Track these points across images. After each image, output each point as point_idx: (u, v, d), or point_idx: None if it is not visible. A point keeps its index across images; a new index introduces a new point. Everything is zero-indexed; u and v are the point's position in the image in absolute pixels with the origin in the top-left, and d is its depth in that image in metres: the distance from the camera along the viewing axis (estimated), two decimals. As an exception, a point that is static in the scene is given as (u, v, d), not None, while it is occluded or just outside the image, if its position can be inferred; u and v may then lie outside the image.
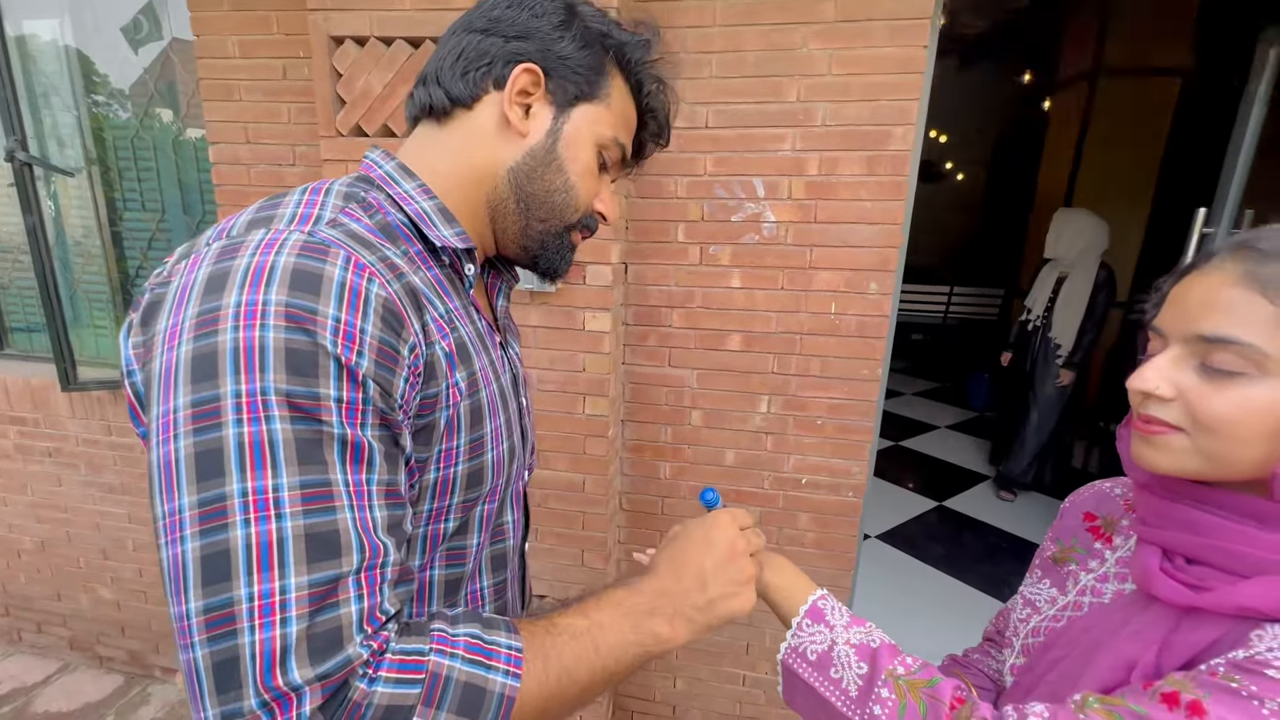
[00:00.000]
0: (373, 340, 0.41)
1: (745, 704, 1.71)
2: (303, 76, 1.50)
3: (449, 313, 0.52)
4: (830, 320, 1.41)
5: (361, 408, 0.40)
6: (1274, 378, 0.43)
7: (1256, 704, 0.39)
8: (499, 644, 0.43)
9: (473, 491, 0.54)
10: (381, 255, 0.46)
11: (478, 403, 0.53)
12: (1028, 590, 0.68)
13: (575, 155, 0.56)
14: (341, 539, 0.38)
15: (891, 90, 1.26)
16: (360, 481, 0.40)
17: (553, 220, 0.58)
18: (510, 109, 0.54)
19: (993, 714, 0.48)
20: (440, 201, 0.55)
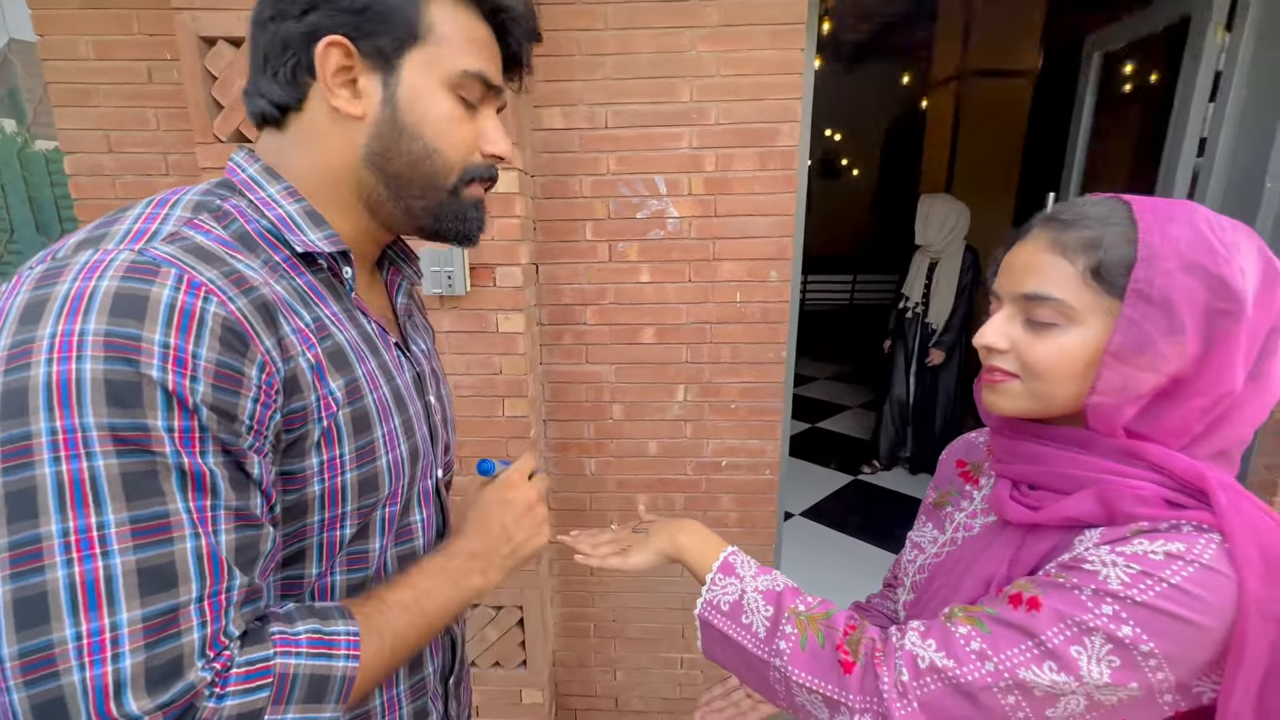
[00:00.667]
0: (208, 364, 0.40)
1: (684, 685, 1.76)
2: (171, 80, 1.40)
3: (320, 320, 0.50)
4: (736, 309, 1.48)
5: (198, 435, 0.39)
6: (1080, 326, 0.51)
7: (1077, 592, 0.47)
8: (339, 632, 0.46)
9: (368, 498, 0.53)
10: (228, 269, 0.44)
11: (361, 409, 0.52)
12: (914, 535, 0.76)
13: (424, 114, 0.51)
14: (179, 569, 0.38)
15: (776, 90, 1.35)
16: (203, 508, 0.40)
17: (430, 193, 0.54)
18: (333, 95, 0.49)
19: (879, 634, 0.54)
20: (308, 204, 0.52)
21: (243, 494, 0.42)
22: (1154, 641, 0.44)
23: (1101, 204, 0.53)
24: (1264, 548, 0.43)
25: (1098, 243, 0.50)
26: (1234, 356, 0.47)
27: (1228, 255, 0.47)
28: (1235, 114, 1.54)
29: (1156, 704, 0.46)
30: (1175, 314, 0.48)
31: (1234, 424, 0.50)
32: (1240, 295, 0.47)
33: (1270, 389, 0.50)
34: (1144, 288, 0.48)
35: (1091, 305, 0.51)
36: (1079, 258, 0.51)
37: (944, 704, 0.48)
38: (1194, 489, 0.48)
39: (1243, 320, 0.47)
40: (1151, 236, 0.48)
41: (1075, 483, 0.53)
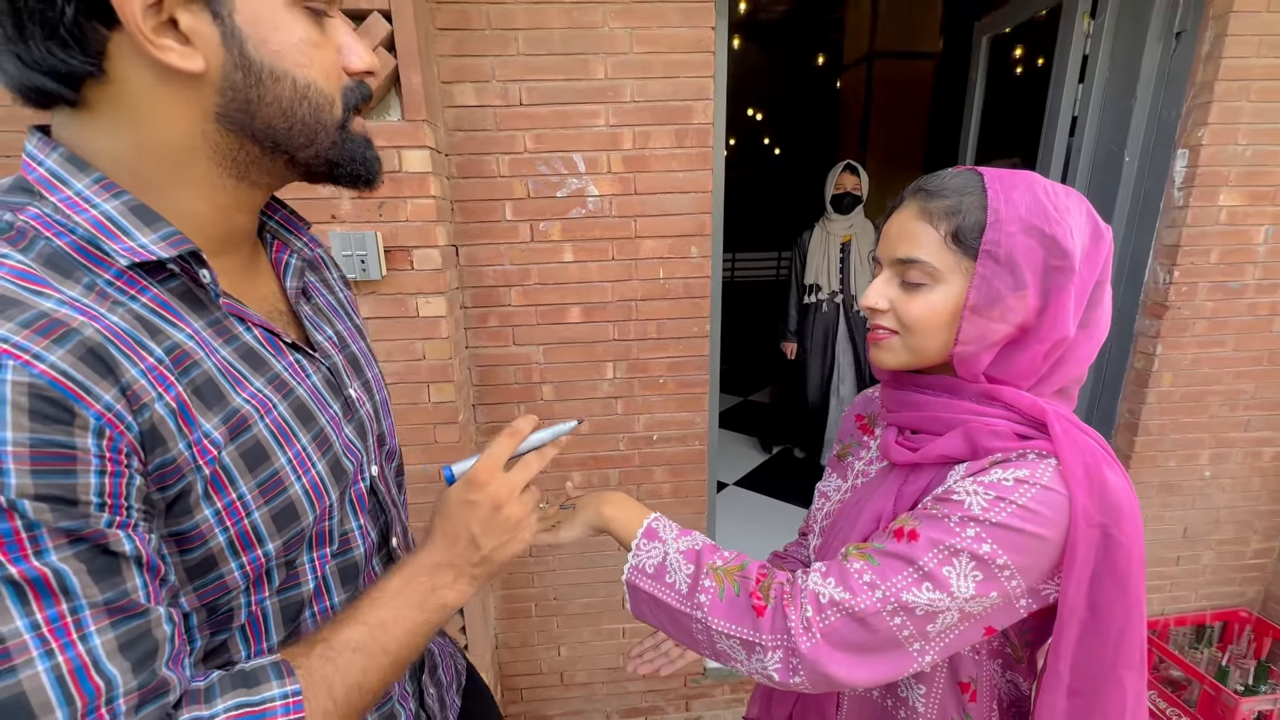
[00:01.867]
0: (18, 449, 0.31)
1: (627, 654, 1.81)
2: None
3: (176, 349, 0.40)
4: (660, 285, 1.52)
5: (27, 535, 0.32)
6: (943, 284, 0.58)
7: (946, 520, 0.53)
8: (273, 699, 0.40)
9: (290, 530, 0.46)
10: (33, 314, 0.34)
11: (252, 441, 0.44)
12: (821, 485, 0.82)
13: (281, 44, 0.40)
14: (33, 700, 0.32)
15: (689, 68, 1.37)
16: (59, 615, 0.33)
17: (319, 137, 0.44)
18: (157, 48, 0.37)
19: (787, 578, 0.59)
20: (131, 196, 0.40)
21: (111, 582, 0.35)
22: (1008, 554, 0.51)
23: (960, 175, 0.59)
24: (1087, 467, 0.51)
25: (957, 210, 0.56)
26: (1066, 307, 0.55)
27: (1059, 218, 0.54)
28: (1099, 94, 1.70)
29: (1014, 608, 0.54)
30: (1018, 271, 0.54)
31: (1070, 364, 0.58)
32: (1070, 253, 0.54)
33: (1096, 334, 0.58)
34: (992, 249, 0.55)
35: (952, 266, 0.57)
36: (941, 224, 0.57)
37: (843, 632, 0.54)
38: (1037, 422, 0.55)
39: (1073, 275, 0.54)
40: (998, 203, 0.55)
41: (946, 424, 0.60)
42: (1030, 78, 2.21)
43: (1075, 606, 0.51)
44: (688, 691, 1.90)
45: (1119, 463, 0.54)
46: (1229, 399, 1.74)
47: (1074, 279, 0.54)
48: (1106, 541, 0.50)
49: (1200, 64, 1.50)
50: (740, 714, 1.93)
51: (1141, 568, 0.51)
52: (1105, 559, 0.50)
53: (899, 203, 0.63)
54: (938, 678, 0.63)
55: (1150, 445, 1.76)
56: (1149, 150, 1.64)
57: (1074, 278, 0.54)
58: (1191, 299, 1.64)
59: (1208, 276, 1.63)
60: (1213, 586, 1.95)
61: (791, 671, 0.54)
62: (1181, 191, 1.58)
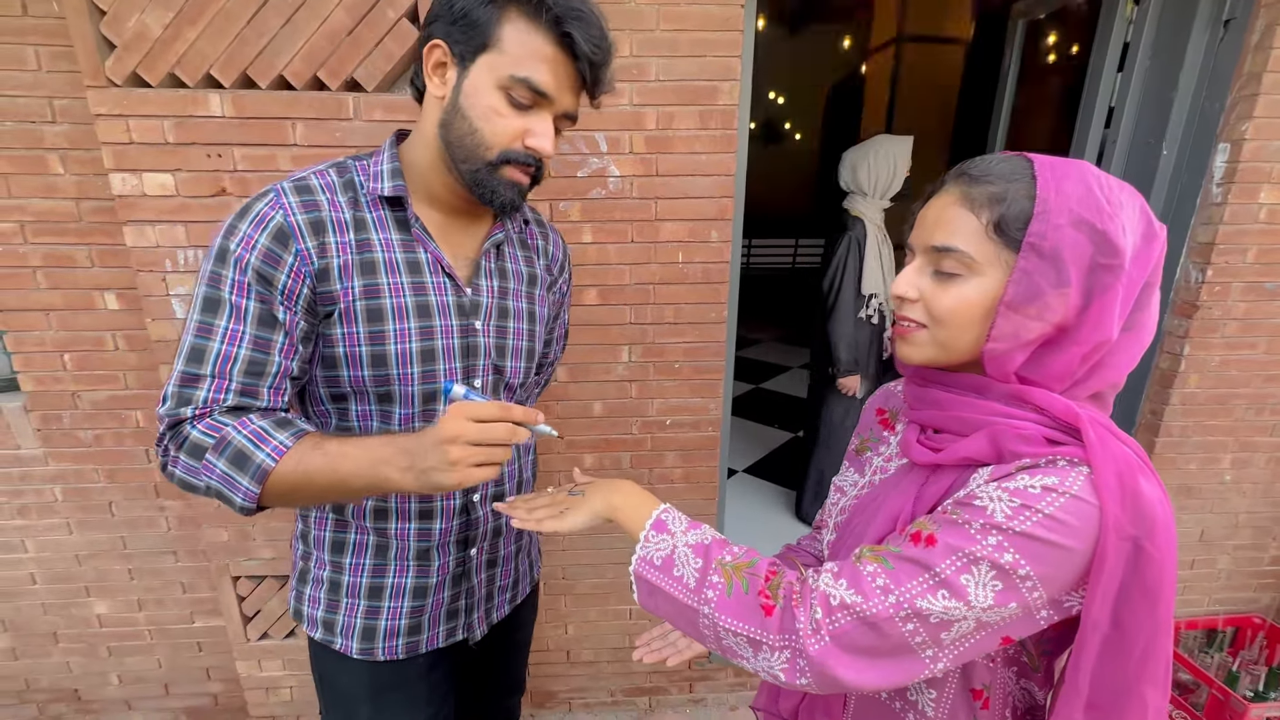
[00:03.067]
0: (261, 247, 0.67)
1: (633, 635, 1.83)
2: (51, 13, 1.26)
3: (366, 240, 0.73)
4: (679, 269, 1.50)
5: (243, 283, 0.67)
6: (979, 276, 0.55)
7: (967, 527, 0.52)
8: (276, 437, 0.66)
9: (380, 369, 0.74)
10: (308, 198, 0.71)
11: (375, 305, 0.73)
12: (838, 480, 0.81)
13: (475, 101, 0.68)
14: (207, 356, 0.67)
15: (716, 47, 1.34)
16: (232, 329, 0.67)
17: (472, 160, 0.70)
18: (430, 81, 0.70)
19: (797, 577, 0.58)
20: (396, 164, 0.75)
21: (267, 329, 0.69)
22: (1030, 565, 0.49)
23: (1007, 161, 0.56)
24: (1120, 476, 0.49)
25: (1002, 197, 0.53)
26: (1112, 309, 0.52)
27: (1113, 212, 0.51)
28: (1139, 84, 1.64)
29: (1034, 619, 0.52)
30: (1063, 267, 0.51)
31: (1109, 369, 0.55)
32: (1121, 251, 0.51)
33: (1141, 338, 0.56)
34: (1037, 241, 0.52)
35: (991, 257, 0.54)
36: (984, 211, 0.54)
37: (853, 635, 0.52)
38: (1070, 427, 0.53)
39: (1121, 275, 0.51)
40: (1048, 192, 0.52)
41: (972, 425, 0.58)
42: (1065, 66, 2.13)
43: (1099, 620, 0.49)
44: (692, 674, 1.92)
45: (1155, 472, 0.52)
46: (1256, 403, 1.70)
47: (1122, 278, 0.51)
48: (1138, 555, 0.48)
49: (1249, 54, 1.44)
50: (743, 698, 1.95)
51: (1173, 583, 0.49)
52: (1135, 573, 0.48)
53: (939, 186, 0.60)
54: (949, 683, 0.62)
55: (1171, 447, 1.73)
56: (1188, 144, 1.58)
57: (1122, 277, 0.51)
58: (1224, 299, 1.60)
59: (1242, 276, 1.58)
60: (1227, 591, 1.93)
61: (798, 673, 0.54)
62: (1220, 188, 1.53)
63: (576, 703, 1.93)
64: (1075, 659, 0.51)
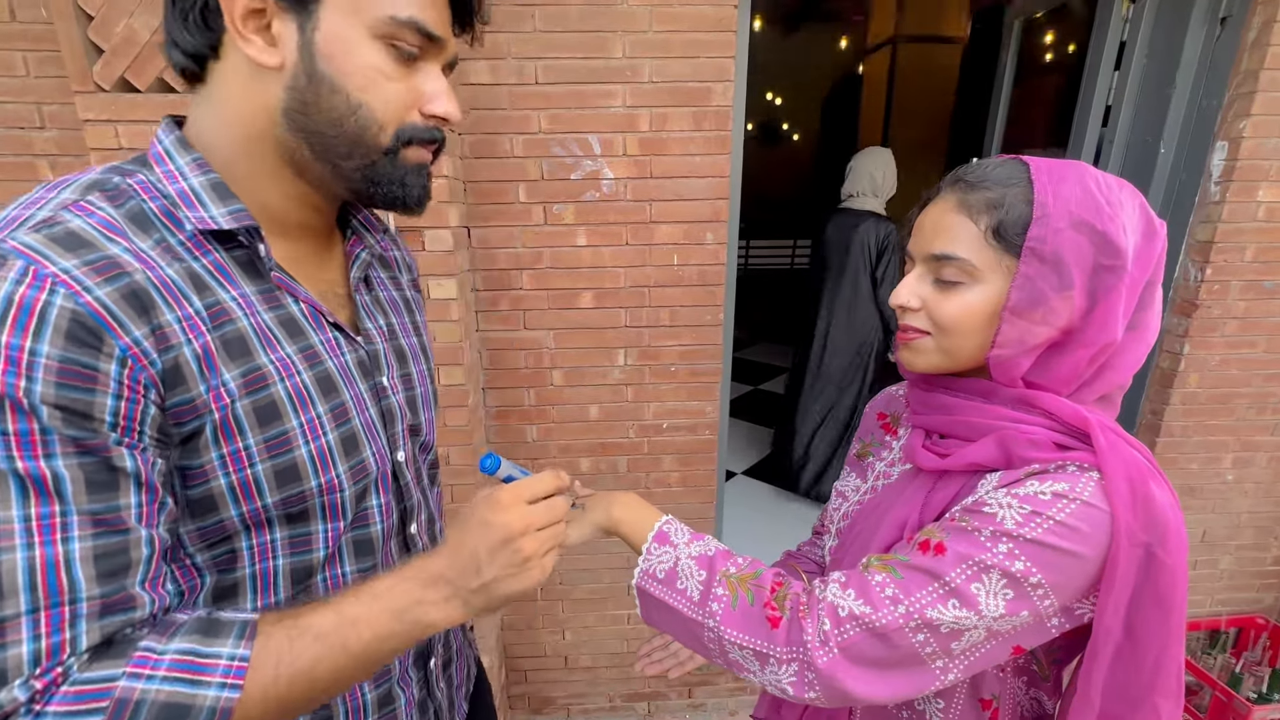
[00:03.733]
0: (49, 361, 0.38)
1: (631, 640, 1.82)
2: (39, 19, 1.24)
3: (217, 306, 0.46)
4: (674, 271, 1.48)
5: (40, 438, 0.38)
6: (981, 283, 0.54)
7: (977, 534, 0.50)
8: (219, 656, 0.41)
9: (290, 488, 0.49)
10: (95, 256, 0.41)
11: (267, 399, 0.48)
12: (839, 485, 0.79)
13: (346, 65, 0.45)
14: (4, 582, 0.37)
15: (709, 48, 1.33)
16: (46, 514, 0.38)
17: (359, 150, 0.48)
18: (245, 42, 0.44)
19: (803, 588, 0.57)
20: (216, 176, 0.48)
21: (104, 495, 0.40)
22: (1042, 573, 0.48)
23: (1003, 165, 0.55)
24: (1132, 481, 0.48)
25: (999, 203, 0.52)
26: (1116, 309, 0.51)
27: (1112, 213, 0.50)
28: (1136, 82, 1.63)
29: (1045, 628, 0.51)
30: (1065, 271, 0.51)
31: (1115, 370, 0.54)
32: (1122, 251, 0.50)
33: (1146, 338, 0.55)
34: (1037, 246, 0.51)
35: (992, 263, 0.53)
36: (982, 218, 0.53)
37: (862, 647, 0.51)
38: (1079, 432, 0.52)
39: (1124, 275, 0.50)
40: (1045, 196, 0.51)
41: (979, 430, 0.57)
42: (1062, 65, 2.13)
43: (1111, 629, 0.48)
44: (691, 679, 1.90)
45: (1165, 477, 0.51)
46: (1257, 402, 1.69)
47: (1125, 279, 0.50)
48: (1149, 561, 0.47)
49: (1246, 51, 1.43)
50: (743, 703, 1.93)
51: (1185, 590, 0.48)
52: (1147, 580, 0.47)
53: (935, 193, 0.59)
54: (958, 693, 0.61)
55: (1172, 447, 1.72)
56: (1186, 142, 1.57)
57: (1125, 277, 0.50)
58: (1223, 298, 1.59)
59: (1241, 275, 1.57)
60: (1229, 592, 1.92)
61: (807, 686, 0.52)
62: (1218, 186, 1.52)
63: (575, 709, 1.91)
64: (1087, 669, 0.50)
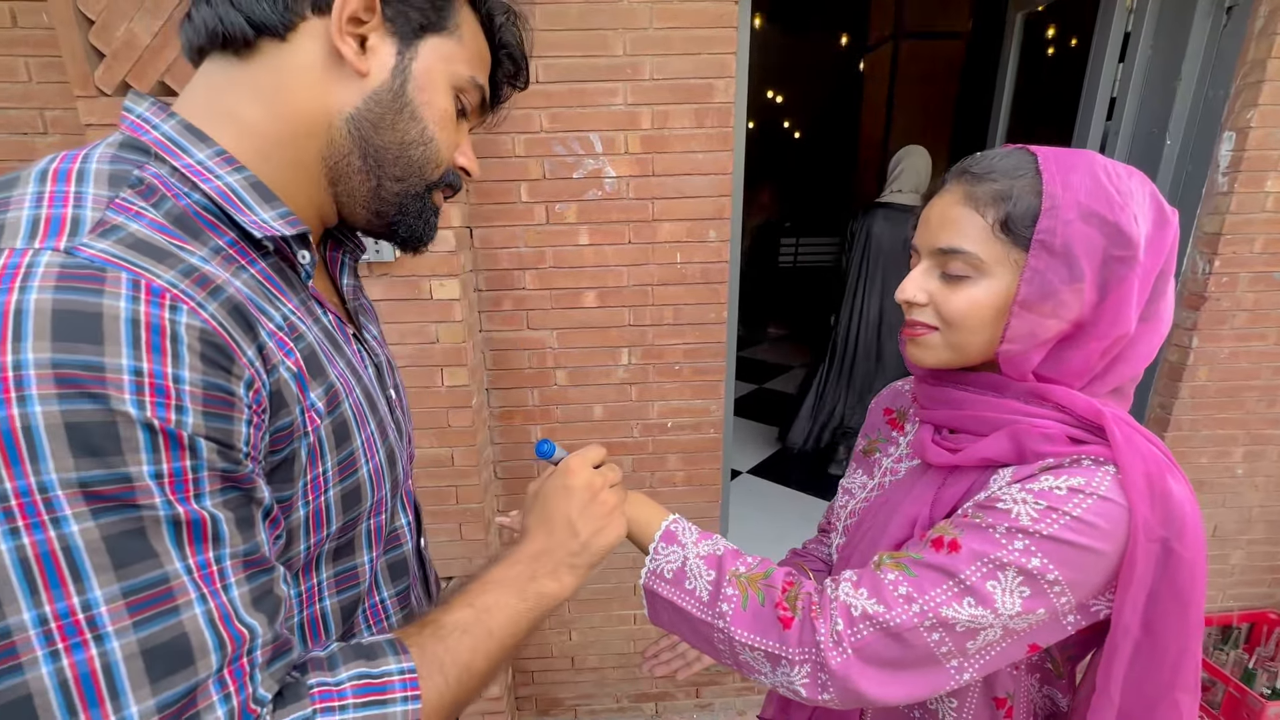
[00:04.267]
0: (194, 389, 0.33)
1: (638, 640, 1.81)
2: (40, 24, 1.24)
3: (288, 318, 0.42)
4: (677, 270, 1.48)
5: (193, 476, 0.33)
6: (989, 277, 0.53)
7: (991, 531, 0.50)
8: (390, 673, 0.40)
9: (352, 512, 0.47)
10: (186, 266, 0.35)
11: (340, 417, 0.45)
12: (845, 482, 0.78)
13: (430, 99, 0.46)
14: (193, 641, 0.33)
15: (710, 44, 1.32)
16: (208, 562, 0.34)
17: (411, 178, 0.48)
18: (342, 40, 0.42)
19: (815, 588, 0.56)
20: (251, 173, 0.42)
21: (248, 535, 0.36)
22: (1059, 570, 0.47)
23: (1010, 155, 0.54)
24: (1149, 476, 0.47)
25: (1007, 195, 0.51)
26: (1128, 300, 0.50)
27: (1123, 202, 0.49)
28: (1141, 74, 1.62)
29: (1061, 625, 0.50)
30: (1075, 263, 0.50)
31: (1128, 362, 0.54)
32: (1134, 241, 0.49)
33: (1159, 329, 0.54)
34: (1047, 238, 0.50)
35: (1000, 257, 0.52)
36: (989, 210, 0.52)
37: (876, 647, 0.50)
38: (1093, 425, 0.51)
39: (1135, 265, 0.49)
40: (1054, 187, 0.50)
41: (990, 425, 0.56)
42: (1066, 58, 2.11)
43: (1129, 626, 0.47)
44: (699, 679, 1.89)
45: (1181, 471, 0.50)
46: (1267, 394, 1.67)
47: (1136, 269, 0.49)
48: (1167, 556, 0.46)
49: (1253, 41, 1.42)
50: (751, 702, 1.92)
51: (1204, 585, 0.47)
52: (1165, 575, 0.47)
53: (941, 185, 0.58)
54: (971, 692, 0.60)
55: (1181, 441, 1.70)
56: (1192, 133, 1.55)
57: (1137, 268, 0.49)
58: (1232, 290, 1.57)
59: (1250, 266, 1.56)
60: (1241, 587, 1.90)
61: (820, 688, 0.51)
62: (1226, 177, 1.51)
63: (582, 710, 1.91)
64: (1106, 667, 0.49)
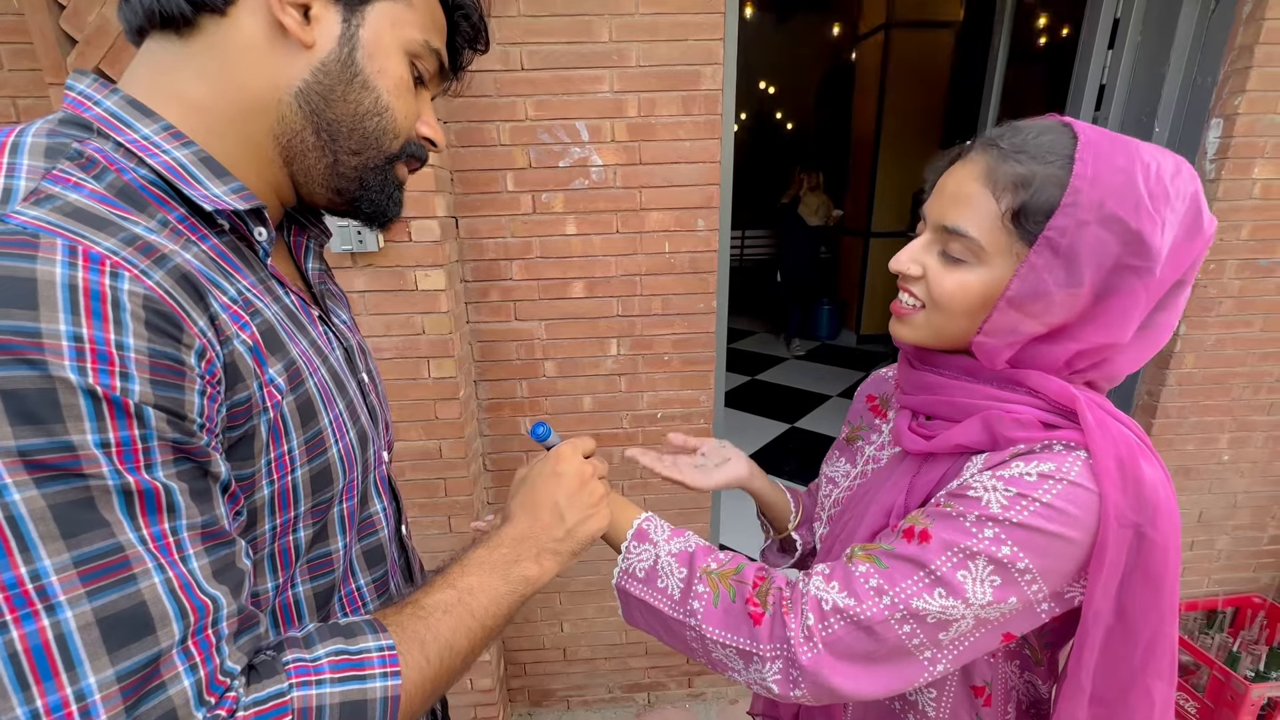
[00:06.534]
0: (139, 356, 0.32)
1: (629, 631, 1.82)
2: (10, 9, 1.21)
3: (243, 293, 0.42)
4: (665, 260, 1.47)
5: (142, 445, 0.32)
6: (985, 265, 0.51)
7: (962, 520, 0.49)
8: (369, 649, 0.40)
9: (322, 494, 0.47)
10: (128, 235, 0.35)
11: (304, 395, 0.45)
12: (828, 469, 0.78)
13: (382, 67, 0.45)
14: (153, 611, 0.32)
15: (697, 30, 1.31)
16: (164, 533, 0.33)
17: (369, 151, 0.47)
18: (283, 12, 0.41)
19: (786, 582, 0.56)
20: (199, 148, 0.41)
21: (206, 506, 0.36)
22: (1030, 558, 0.47)
23: (1048, 132, 0.49)
24: (1120, 460, 0.46)
25: (1029, 181, 0.48)
26: (1127, 310, 0.48)
27: (1153, 209, 0.46)
28: (1130, 61, 1.61)
29: (1035, 614, 0.50)
30: (1076, 268, 0.47)
31: (1114, 366, 0.52)
32: (1153, 252, 0.46)
33: (1156, 339, 0.52)
34: (1055, 237, 0.47)
35: (1002, 247, 0.50)
36: (1005, 195, 0.49)
37: (847, 641, 0.50)
38: (1066, 410, 0.50)
39: (1147, 276, 0.47)
40: (1082, 182, 0.46)
41: (964, 411, 0.55)
42: (1056, 47, 2.10)
43: (1101, 611, 0.47)
44: (690, 668, 1.90)
45: (1156, 454, 0.49)
46: (1253, 381, 1.68)
47: (1146, 280, 0.47)
48: (1140, 542, 0.46)
49: (1240, 26, 1.41)
50: (743, 691, 1.94)
51: (1177, 567, 0.47)
52: (1137, 561, 0.46)
53: (965, 151, 0.54)
54: (949, 682, 0.59)
55: (1169, 428, 1.71)
56: (1180, 120, 1.55)
57: (1147, 279, 0.47)
58: (1219, 277, 1.58)
59: (1236, 254, 1.56)
60: (1226, 572, 1.92)
61: (792, 684, 0.51)
62: (1214, 164, 1.51)
63: (575, 700, 1.91)
64: (1077, 653, 0.49)
